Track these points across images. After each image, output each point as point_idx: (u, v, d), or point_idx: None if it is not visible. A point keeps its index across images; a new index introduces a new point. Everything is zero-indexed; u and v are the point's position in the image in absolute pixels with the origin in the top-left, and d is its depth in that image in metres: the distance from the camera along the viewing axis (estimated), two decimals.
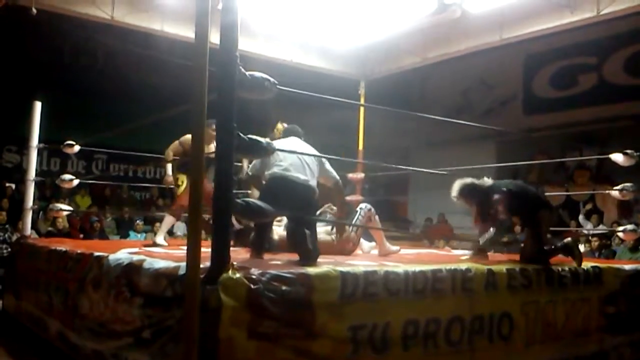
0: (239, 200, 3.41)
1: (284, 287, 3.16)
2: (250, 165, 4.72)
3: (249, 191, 5.73)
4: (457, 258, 4.94)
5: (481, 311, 3.90)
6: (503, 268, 4.12)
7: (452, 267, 3.85)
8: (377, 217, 5.49)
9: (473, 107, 14.89)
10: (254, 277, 3.10)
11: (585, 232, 9.83)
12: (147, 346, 3.45)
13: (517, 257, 4.85)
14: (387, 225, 6.88)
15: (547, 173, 13.33)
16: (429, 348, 3.63)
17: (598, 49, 12.69)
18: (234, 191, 3.27)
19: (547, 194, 11.36)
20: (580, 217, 11.01)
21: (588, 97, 12.88)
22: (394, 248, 5.49)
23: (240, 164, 6.10)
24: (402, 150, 14.99)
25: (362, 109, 8.97)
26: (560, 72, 13.54)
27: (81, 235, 9.75)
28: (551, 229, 5.20)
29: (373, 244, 5.58)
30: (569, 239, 4.81)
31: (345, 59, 8.87)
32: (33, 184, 6.89)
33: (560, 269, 4.45)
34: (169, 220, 6.20)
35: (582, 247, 9.51)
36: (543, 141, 12.90)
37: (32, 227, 7.65)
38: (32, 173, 6.84)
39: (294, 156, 4.35)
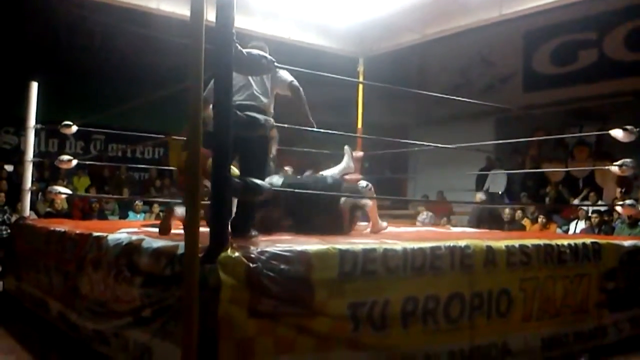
0: (236, 179, 3.40)
1: (282, 266, 3.16)
2: None
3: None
4: (457, 235, 4.95)
5: (480, 288, 3.91)
6: (502, 244, 4.11)
7: (451, 244, 3.85)
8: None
9: (472, 84, 14.83)
10: (252, 255, 3.10)
11: (585, 207, 9.83)
12: (148, 325, 3.46)
13: None
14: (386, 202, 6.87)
15: (546, 149, 13.30)
16: (428, 325, 3.64)
17: (598, 25, 12.60)
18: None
19: (547, 170, 11.39)
20: (576, 201, 10.99)
21: (588, 73, 12.81)
22: (384, 224, 5.52)
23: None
24: (401, 128, 14.95)
25: (360, 86, 8.92)
26: (561, 48, 13.46)
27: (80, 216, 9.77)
28: (552, 205, 5.21)
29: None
30: None
31: (344, 36, 8.79)
32: (31, 165, 6.88)
33: (559, 244, 4.45)
34: None
35: (582, 223, 9.55)
36: (543, 118, 12.86)
37: (31, 208, 7.65)
38: (30, 154, 6.82)
39: (239, 77, 4.05)
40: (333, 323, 3.28)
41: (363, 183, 5.38)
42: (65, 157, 6.73)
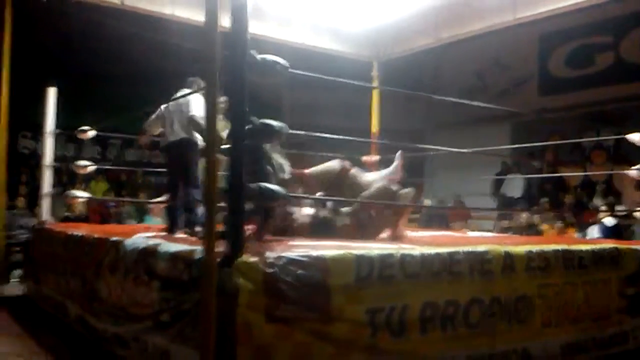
0: (252, 185, 3.40)
1: (299, 271, 3.15)
2: None
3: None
4: (475, 240, 4.91)
5: (499, 293, 3.87)
6: (521, 250, 4.08)
7: (470, 250, 3.83)
8: None
9: (488, 88, 14.74)
10: (269, 261, 3.10)
11: (604, 211, 9.72)
12: (166, 329, 3.48)
13: None
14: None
15: (563, 154, 13.19)
16: (447, 330, 3.61)
17: (615, 28, 12.48)
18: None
19: (563, 174, 11.28)
20: (595, 201, 10.90)
21: (605, 77, 12.68)
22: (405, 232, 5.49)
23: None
24: (417, 132, 14.89)
25: (375, 91, 8.91)
26: (577, 51, 13.34)
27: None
28: (571, 209, 5.16)
29: None
30: None
31: (358, 41, 8.80)
32: (50, 170, 6.94)
33: (579, 250, 4.41)
34: None
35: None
36: (559, 122, 12.77)
37: (50, 213, 7.71)
38: (48, 159, 6.89)
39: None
40: (351, 329, 3.26)
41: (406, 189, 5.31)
42: (82, 163, 6.80)
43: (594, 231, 9.32)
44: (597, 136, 12.14)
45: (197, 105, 5.27)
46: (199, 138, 5.35)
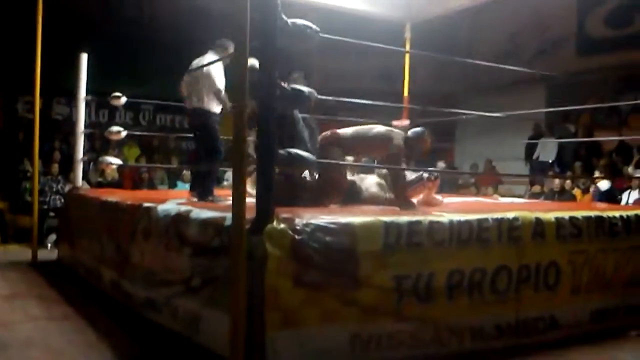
0: (281, 151, 3.41)
1: (327, 238, 3.19)
2: None
3: None
4: (505, 206, 4.86)
5: (528, 260, 3.85)
6: (552, 217, 4.03)
7: (499, 216, 3.80)
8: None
9: (523, 49, 14.38)
10: (298, 227, 3.14)
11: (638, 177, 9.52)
12: (197, 293, 3.56)
13: None
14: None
15: (599, 117, 12.88)
16: (474, 297, 3.62)
17: None
18: None
19: (599, 139, 11.06)
20: (630, 168, 10.65)
21: None
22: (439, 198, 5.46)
23: None
24: (449, 96, 14.68)
25: (407, 54, 8.77)
26: (616, 10, 12.89)
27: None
28: (604, 175, 5.05)
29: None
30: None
31: (390, 1, 8.63)
32: (83, 136, 7.04)
33: (611, 216, 4.34)
34: None
35: (635, 193, 9.28)
36: (596, 84, 12.43)
37: (83, 178, 7.87)
38: (81, 125, 6.99)
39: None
40: (378, 294, 3.30)
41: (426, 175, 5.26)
42: (115, 129, 6.85)
43: (628, 196, 9.17)
44: (636, 99, 11.80)
45: (217, 75, 5.37)
46: (216, 107, 5.48)
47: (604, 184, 9.45)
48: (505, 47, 14.54)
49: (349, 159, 5.12)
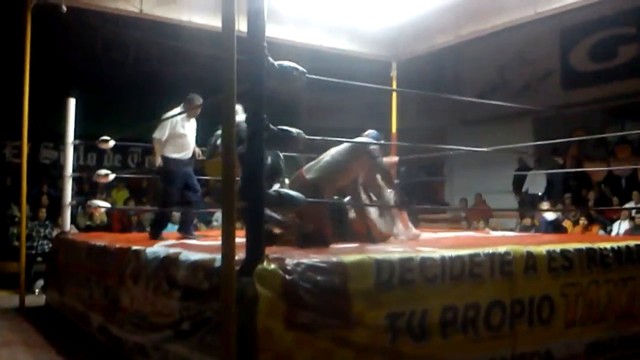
0: (271, 191, 3.39)
1: (318, 277, 3.15)
2: None
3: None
4: (496, 240, 4.85)
5: (521, 295, 3.82)
6: (543, 250, 4.02)
7: (490, 251, 3.78)
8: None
9: (509, 83, 14.57)
10: (288, 267, 3.10)
11: (627, 208, 9.57)
12: (187, 338, 3.49)
13: None
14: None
15: (587, 149, 12.99)
16: (469, 334, 3.58)
17: (637, 18, 12.26)
18: None
19: (587, 169, 11.11)
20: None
21: (629, 69, 12.45)
22: (416, 231, 5.53)
23: None
24: (438, 130, 14.80)
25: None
26: (599, 44, 13.12)
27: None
28: (595, 206, 5.08)
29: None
30: None
31: (376, 41, 8.76)
32: (71, 180, 7.01)
33: (602, 248, 4.33)
34: None
35: (625, 224, 9.30)
36: (583, 116, 12.57)
37: (71, 222, 7.80)
38: (69, 169, 6.96)
39: None
40: (372, 334, 3.24)
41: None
42: (103, 172, 6.82)
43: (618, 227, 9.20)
44: (622, 130, 11.93)
45: (161, 125, 6.05)
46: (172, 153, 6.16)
47: (550, 215, 9.82)
48: (492, 81, 14.74)
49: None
